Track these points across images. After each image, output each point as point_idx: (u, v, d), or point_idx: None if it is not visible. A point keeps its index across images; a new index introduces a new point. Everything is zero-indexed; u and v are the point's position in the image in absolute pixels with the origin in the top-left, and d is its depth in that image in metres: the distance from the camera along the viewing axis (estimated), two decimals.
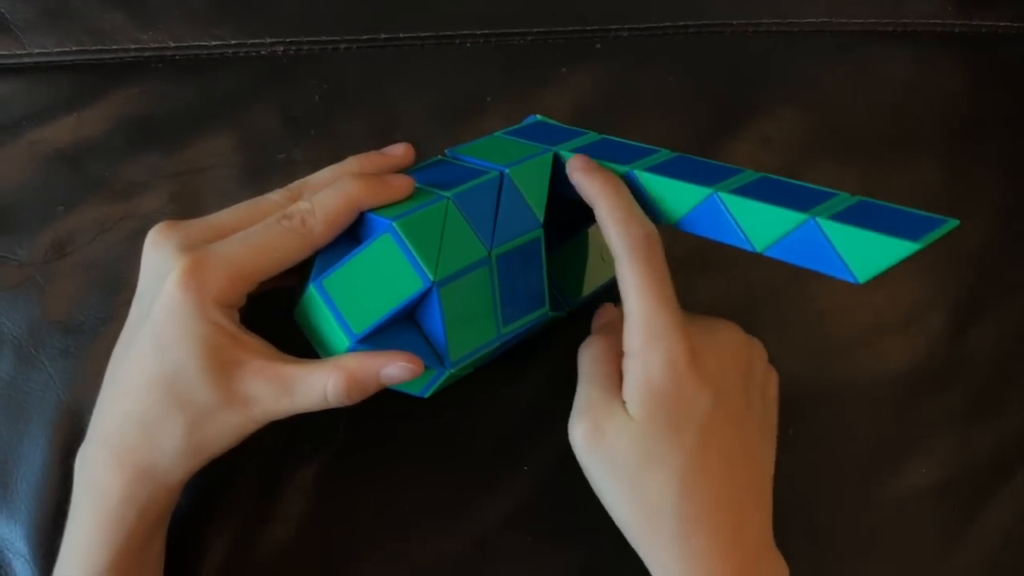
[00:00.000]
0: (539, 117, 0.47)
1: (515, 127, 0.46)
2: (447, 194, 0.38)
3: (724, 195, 0.38)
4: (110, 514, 0.38)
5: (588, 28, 0.53)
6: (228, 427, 0.37)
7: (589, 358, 0.41)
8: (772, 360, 0.43)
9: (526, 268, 0.41)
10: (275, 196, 0.40)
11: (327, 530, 0.45)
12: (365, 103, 0.51)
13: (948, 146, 0.55)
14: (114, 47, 0.51)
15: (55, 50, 0.50)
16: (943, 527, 0.49)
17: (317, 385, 0.37)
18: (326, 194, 0.38)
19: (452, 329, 0.38)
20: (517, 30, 0.53)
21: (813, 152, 0.53)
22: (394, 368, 0.37)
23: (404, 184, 0.39)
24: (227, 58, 0.51)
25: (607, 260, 0.45)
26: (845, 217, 0.35)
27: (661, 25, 0.54)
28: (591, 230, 0.47)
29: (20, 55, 0.50)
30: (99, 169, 0.49)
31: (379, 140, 0.50)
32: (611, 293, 0.44)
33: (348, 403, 0.37)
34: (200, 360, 0.36)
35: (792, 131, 0.53)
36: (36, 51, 0.50)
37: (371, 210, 0.38)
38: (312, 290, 0.38)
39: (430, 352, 0.39)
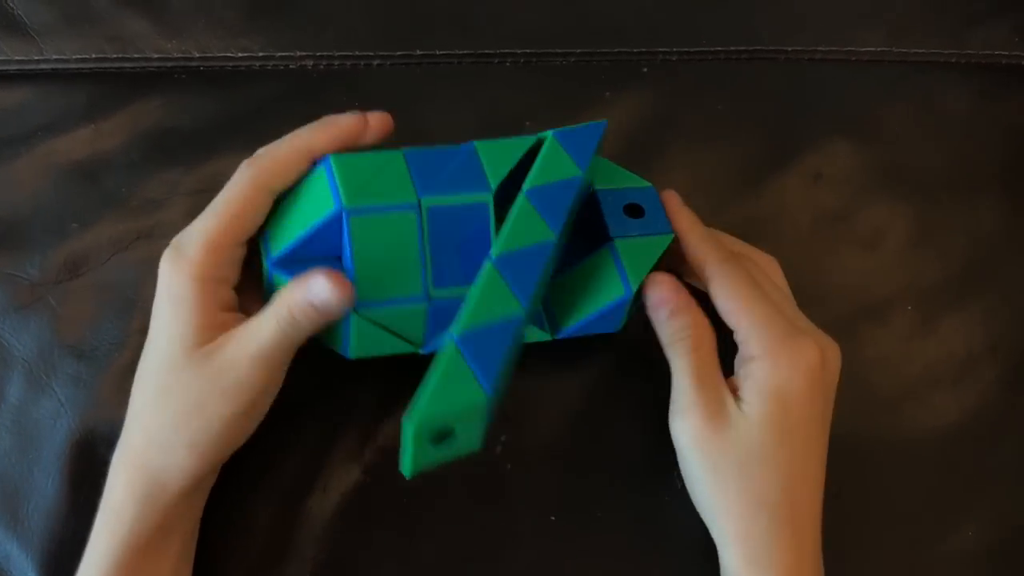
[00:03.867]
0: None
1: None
2: (403, 150, 0.38)
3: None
4: (113, 514, 0.37)
5: (634, 51, 0.51)
6: (221, 419, 0.37)
7: (685, 352, 0.40)
8: None
9: (469, 232, 0.38)
10: None
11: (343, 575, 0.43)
12: (397, 123, 0.48)
13: (1010, 186, 0.52)
14: (136, 55, 0.48)
15: (74, 56, 0.48)
16: None
17: (268, 327, 0.36)
18: (277, 142, 0.38)
19: (363, 266, 0.37)
20: (559, 50, 0.50)
21: (867, 190, 0.50)
22: (315, 285, 0.35)
23: (368, 126, 0.39)
24: (254, 71, 0.48)
25: (608, 289, 0.41)
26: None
27: (712, 50, 0.51)
28: (601, 255, 0.42)
29: (37, 61, 0.48)
30: (116, 184, 0.46)
31: None
32: (601, 339, 0.42)
33: (311, 329, 0.36)
34: (179, 345, 0.36)
35: (846, 167, 0.50)
36: (54, 57, 0.48)
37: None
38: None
39: None
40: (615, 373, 0.45)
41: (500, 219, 0.38)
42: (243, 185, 0.37)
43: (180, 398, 0.36)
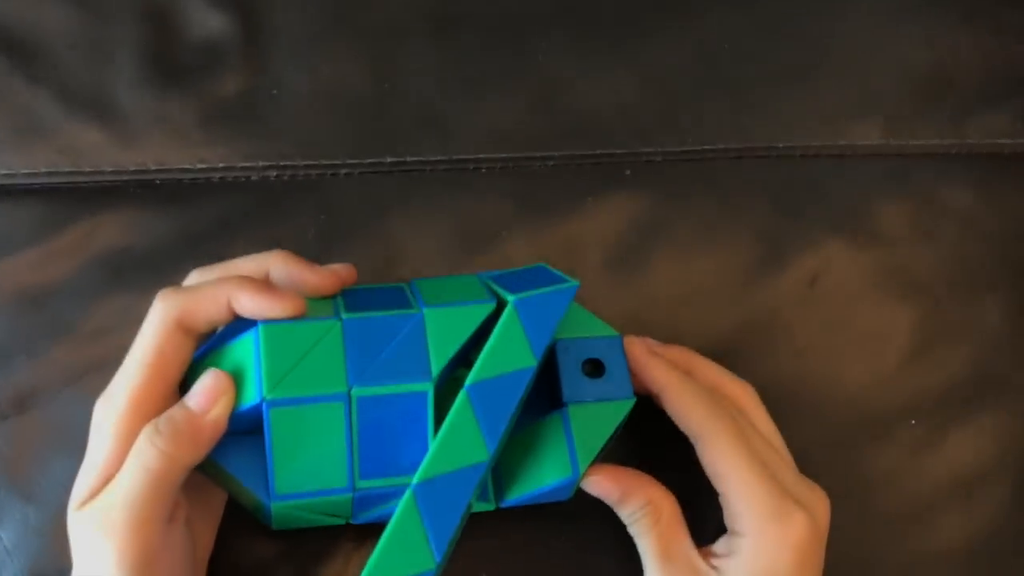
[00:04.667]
0: (545, 265, 0.41)
1: (513, 271, 0.40)
2: (343, 316, 0.35)
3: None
4: None
5: (616, 152, 0.48)
6: None
7: (646, 530, 0.38)
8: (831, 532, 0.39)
9: (404, 422, 0.35)
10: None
11: None
12: (367, 235, 0.45)
13: (1017, 284, 0.49)
14: (88, 169, 0.45)
15: (21, 171, 0.45)
16: None
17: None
18: (202, 283, 0.36)
19: (281, 458, 0.34)
20: (538, 154, 0.47)
21: (865, 295, 0.47)
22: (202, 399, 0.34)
23: (291, 302, 0.34)
24: (214, 183, 0.46)
25: (553, 467, 0.38)
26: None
27: (698, 149, 0.48)
28: (552, 422, 0.39)
29: None
30: (67, 312, 0.43)
31: (380, 276, 0.45)
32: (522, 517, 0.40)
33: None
34: None
35: (842, 270, 0.48)
36: (2, 172, 0.45)
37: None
38: (192, 363, 0.36)
39: (264, 477, 0.35)
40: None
41: (441, 394, 0.36)
42: (157, 330, 0.34)
43: None
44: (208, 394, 0.34)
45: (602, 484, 0.38)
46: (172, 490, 0.33)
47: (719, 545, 0.38)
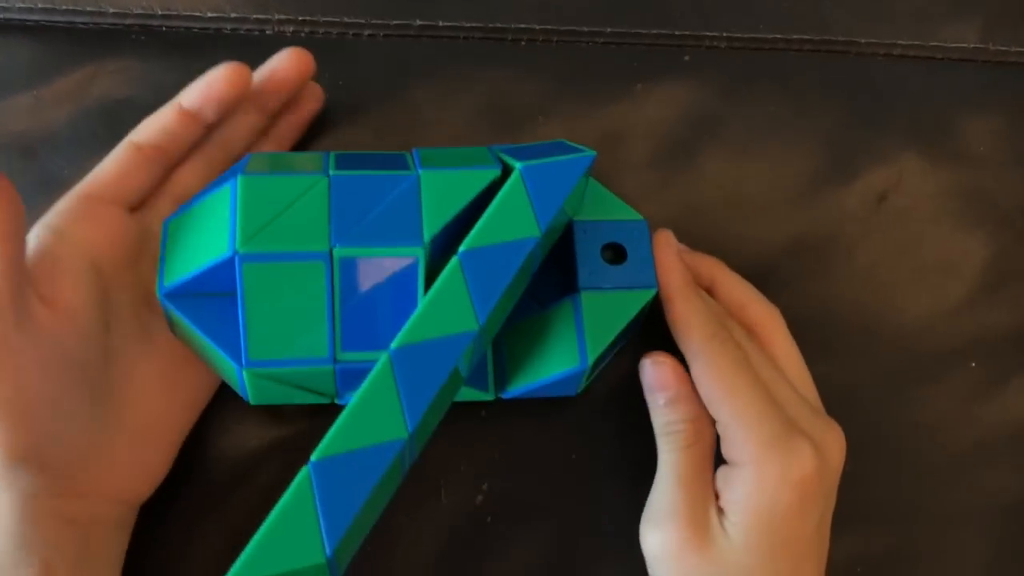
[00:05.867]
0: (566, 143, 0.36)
1: (529, 144, 0.36)
2: (331, 173, 0.32)
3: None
4: None
5: (676, 33, 0.42)
6: None
7: (676, 447, 0.35)
8: (863, 477, 0.37)
9: (391, 290, 0.32)
10: None
11: None
12: (387, 105, 0.41)
13: None
14: (89, 8, 0.41)
15: (17, 5, 0.41)
16: None
17: None
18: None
19: (255, 320, 0.31)
20: (586, 28, 0.42)
21: (939, 219, 0.42)
22: None
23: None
24: (224, 35, 0.41)
25: (561, 356, 0.35)
26: None
27: (769, 37, 0.43)
28: (562, 309, 0.36)
29: None
30: (59, 164, 0.40)
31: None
32: (551, 401, 0.36)
33: None
34: None
35: (917, 189, 0.42)
36: None
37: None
38: (163, 226, 0.34)
39: (237, 341, 0.32)
40: (614, 417, 0.39)
41: (439, 268, 0.32)
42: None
43: None
44: None
45: (662, 374, 0.35)
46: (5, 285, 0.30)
47: (716, 478, 0.35)
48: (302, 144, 0.41)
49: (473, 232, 0.31)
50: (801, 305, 0.40)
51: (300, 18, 0.41)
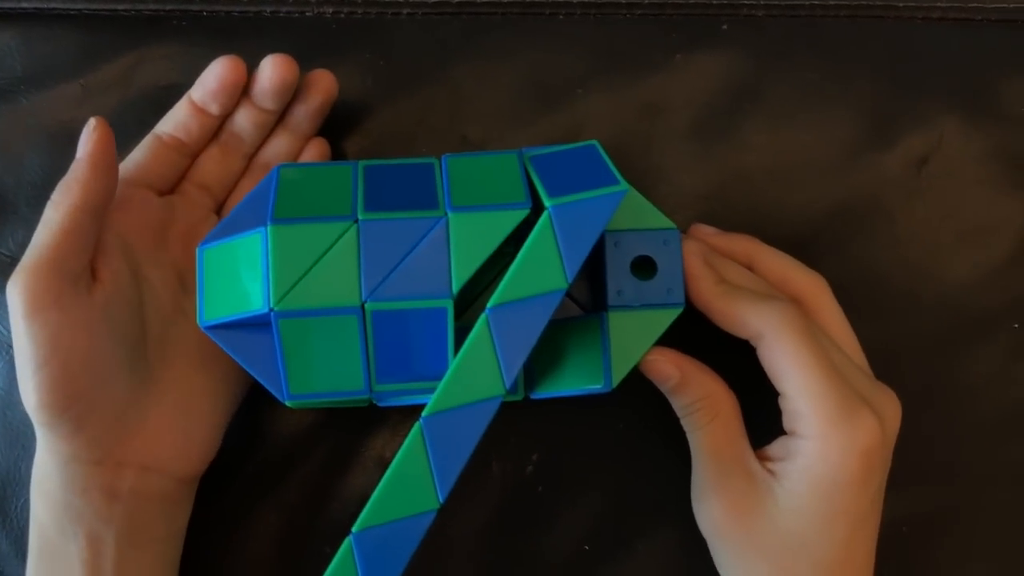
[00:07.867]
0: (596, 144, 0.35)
1: (560, 150, 0.35)
2: (360, 217, 0.32)
3: None
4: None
5: (713, 2, 0.42)
6: None
7: (699, 425, 0.36)
8: (908, 438, 0.36)
9: (419, 333, 0.33)
10: None
11: None
12: (426, 85, 0.41)
13: None
14: None
15: None
16: None
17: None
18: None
19: (294, 363, 0.33)
20: (624, 0, 0.42)
21: (981, 183, 0.42)
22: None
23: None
24: (264, 19, 0.42)
25: (586, 374, 0.35)
26: None
27: (806, 4, 0.42)
28: (589, 325, 0.36)
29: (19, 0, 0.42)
30: None
31: (438, 131, 0.41)
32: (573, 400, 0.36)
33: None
34: None
35: (959, 154, 0.42)
36: None
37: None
38: (199, 251, 0.34)
39: (277, 375, 0.34)
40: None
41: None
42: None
43: None
44: (81, 142, 0.34)
45: (661, 367, 0.35)
46: (73, 240, 0.32)
47: (774, 447, 0.35)
48: (349, 122, 0.41)
49: (501, 286, 0.31)
50: (844, 271, 0.40)
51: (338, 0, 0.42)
